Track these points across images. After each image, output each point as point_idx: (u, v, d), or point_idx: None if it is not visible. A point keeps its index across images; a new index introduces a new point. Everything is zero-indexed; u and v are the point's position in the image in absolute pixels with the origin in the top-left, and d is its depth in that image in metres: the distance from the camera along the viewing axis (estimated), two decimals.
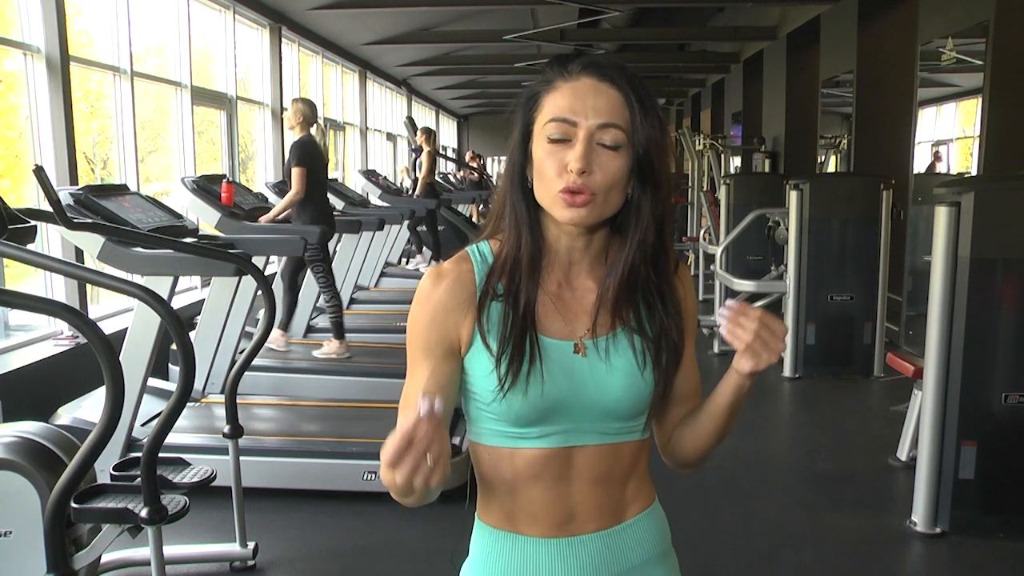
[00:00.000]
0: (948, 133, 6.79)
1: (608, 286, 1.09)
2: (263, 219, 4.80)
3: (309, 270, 5.34)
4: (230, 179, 4.70)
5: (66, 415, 3.68)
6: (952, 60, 6.10)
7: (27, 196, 4.76)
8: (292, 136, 5.19)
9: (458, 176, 12.72)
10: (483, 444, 1.13)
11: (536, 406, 1.06)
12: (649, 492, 1.18)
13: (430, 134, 8.84)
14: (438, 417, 0.87)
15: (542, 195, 1.06)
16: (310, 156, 5.06)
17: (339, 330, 5.18)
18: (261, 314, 3.10)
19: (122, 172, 5.87)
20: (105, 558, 2.65)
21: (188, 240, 3.26)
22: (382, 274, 8.17)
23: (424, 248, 9.29)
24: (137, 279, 3.01)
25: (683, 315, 1.13)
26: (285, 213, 4.99)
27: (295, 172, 4.96)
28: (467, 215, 10.27)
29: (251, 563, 2.99)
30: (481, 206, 11.49)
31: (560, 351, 1.08)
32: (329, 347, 5.14)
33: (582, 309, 1.10)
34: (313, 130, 5.17)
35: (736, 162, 12.31)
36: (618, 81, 1.04)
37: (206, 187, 4.42)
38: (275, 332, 4.64)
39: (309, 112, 5.15)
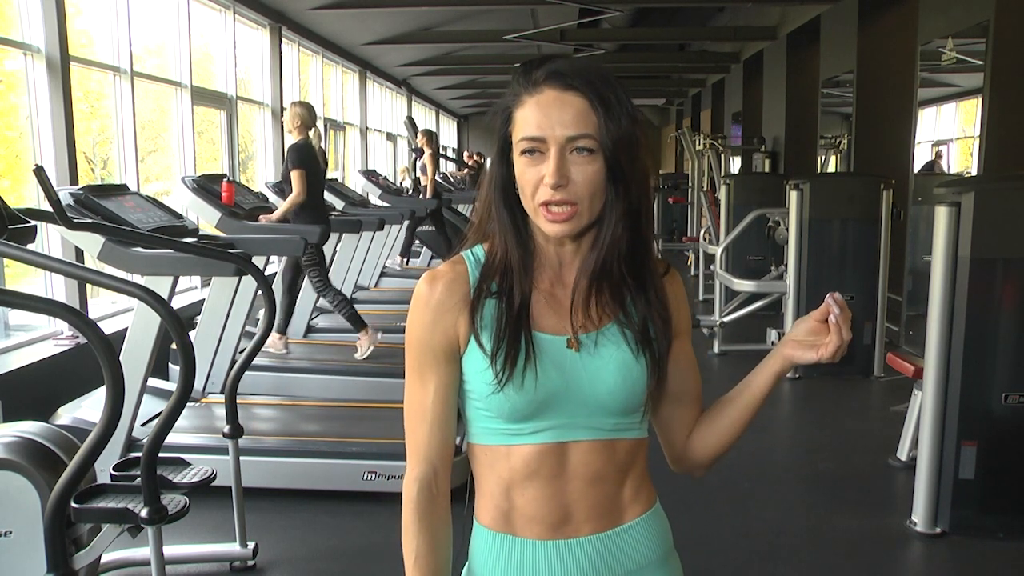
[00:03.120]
0: (948, 133, 6.78)
1: (579, 284, 1.11)
2: (264, 219, 4.80)
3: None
4: (230, 179, 4.70)
5: (66, 415, 3.68)
6: (952, 60, 6.10)
7: (27, 196, 4.76)
8: (291, 139, 5.20)
9: (458, 176, 12.72)
10: (479, 444, 1.13)
11: (531, 400, 1.07)
12: (649, 495, 1.18)
13: (431, 136, 8.85)
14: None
15: (527, 207, 1.08)
16: (308, 159, 5.07)
17: (358, 322, 5.18)
18: (261, 314, 3.10)
19: (122, 172, 5.87)
20: (105, 558, 2.65)
21: (188, 240, 3.26)
22: (382, 274, 8.17)
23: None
24: (137, 279, 3.01)
25: (669, 311, 1.14)
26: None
27: (295, 175, 4.98)
28: (467, 215, 10.26)
29: (251, 563, 2.99)
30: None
31: (553, 346, 1.09)
32: (360, 344, 5.14)
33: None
34: (311, 133, 5.18)
35: (736, 162, 12.30)
36: (581, 87, 1.04)
37: (206, 187, 4.42)
38: (272, 336, 4.63)
39: (307, 116, 5.16)
